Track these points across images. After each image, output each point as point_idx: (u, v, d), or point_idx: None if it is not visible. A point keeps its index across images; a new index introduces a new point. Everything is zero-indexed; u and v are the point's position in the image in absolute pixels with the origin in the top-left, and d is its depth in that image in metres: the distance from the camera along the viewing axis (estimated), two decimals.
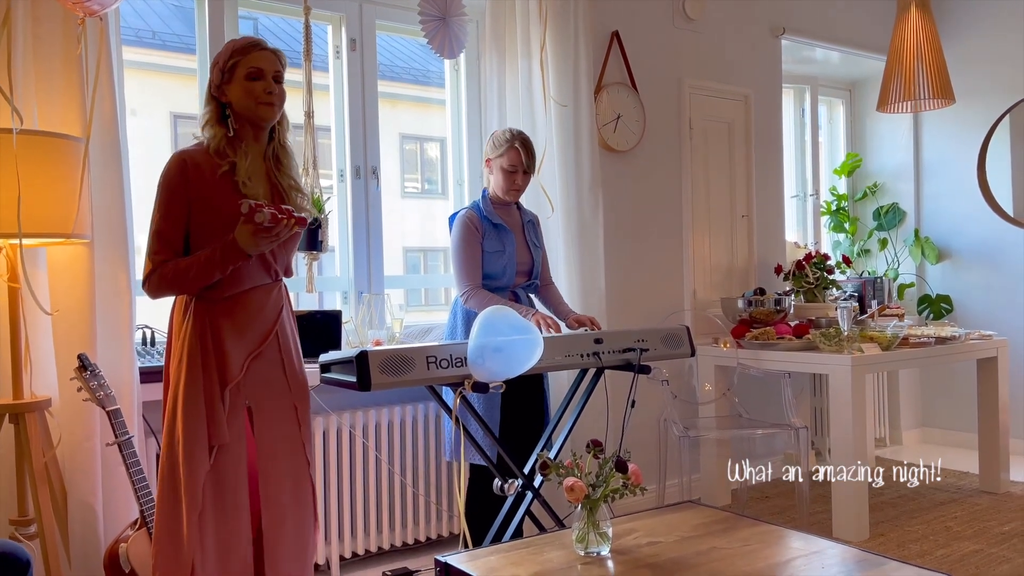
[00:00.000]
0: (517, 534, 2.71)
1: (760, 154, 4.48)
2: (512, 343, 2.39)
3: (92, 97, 2.49)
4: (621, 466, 1.96)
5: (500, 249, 2.94)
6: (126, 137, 2.67)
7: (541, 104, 3.47)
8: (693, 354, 2.96)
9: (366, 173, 3.40)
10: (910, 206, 5.19)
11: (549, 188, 3.47)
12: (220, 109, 2.16)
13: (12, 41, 2.39)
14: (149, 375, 2.68)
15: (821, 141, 5.35)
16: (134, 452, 2.38)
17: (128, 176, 2.66)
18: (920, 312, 5.08)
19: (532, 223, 3.12)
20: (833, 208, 5.27)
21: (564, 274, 3.47)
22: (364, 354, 2.28)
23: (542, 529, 2.77)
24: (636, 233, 3.97)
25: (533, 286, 3.08)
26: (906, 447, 5.10)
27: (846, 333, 3.58)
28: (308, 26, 2.99)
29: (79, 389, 2.37)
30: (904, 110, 4.36)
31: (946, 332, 4.01)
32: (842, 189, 5.36)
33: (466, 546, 2.58)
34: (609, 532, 1.96)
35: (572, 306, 3.23)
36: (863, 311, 4.47)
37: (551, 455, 2.40)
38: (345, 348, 3.01)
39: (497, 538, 2.71)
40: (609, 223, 3.75)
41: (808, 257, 4.39)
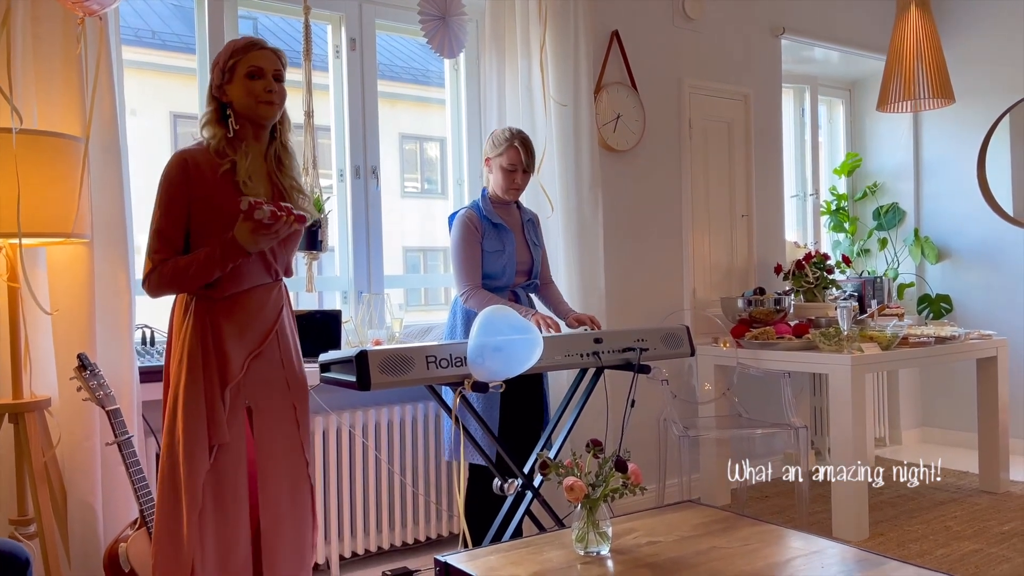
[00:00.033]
0: (517, 534, 2.71)
1: (760, 154, 4.48)
2: (512, 343, 2.39)
3: (92, 97, 2.49)
4: (621, 466, 1.96)
5: (500, 248, 2.94)
6: (126, 137, 2.67)
7: (541, 104, 3.47)
8: (693, 354, 2.96)
9: (366, 173, 3.40)
10: (910, 206, 5.19)
11: (549, 188, 3.47)
12: (221, 109, 2.16)
13: (12, 40, 2.39)
14: (149, 375, 2.69)
15: (821, 141, 5.35)
16: (134, 452, 2.38)
17: (128, 176, 2.66)
18: (920, 312, 5.08)
19: (532, 222, 3.12)
20: (833, 208, 5.27)
21: (564, 274, 3.47)
22: (364, 354, 2.28)
23: (542, 529, 2.77)
24: (636, 233, 3.97)
25: (533, 285, 3.08)
26: (906, 447, 5.10)
27: (846, 333, 3.58)
28: (308, 26, 2.99)
29: (79, 389, 2.37)
30: (904, 110, 4.36)
31: (946, 332, 4.02)
32: (842, 189, 5.36)
33: (466, 546, 2.58)
34: (609, 532, 1.96)
35: (572, 306, 3.22)
36: (863, 311, 4.47)
37: (551, 455, 2.40)
38: (345, 348, 3.01)
39: (497, 538, 2.71)
40: (609, 223, 3.75)
41: (808, 257, 4.39)
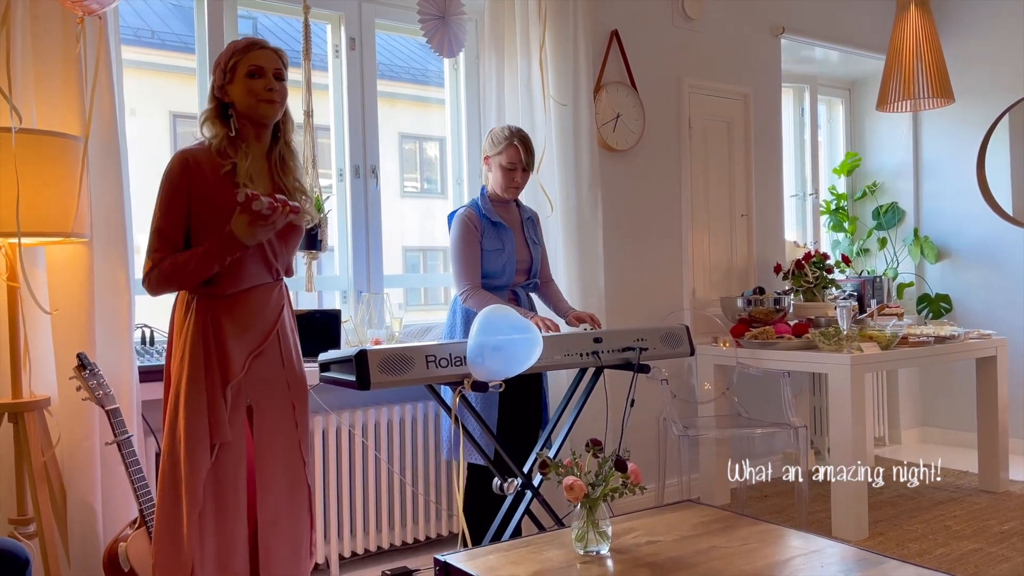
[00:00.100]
0: (516, 533, 2.70)
1: (759, 153, 4.48)
2: (511, 342, 2.39)
3: (91, 96, 2.49)
4: (620, 465, 1.96)
5: (499, 247, 2.94)
6: (125, 136, 2.66)
7: (540, 103, 3.47)
8: (692, 353, 2.96)
9: (365, 172, 3.40)
10: (909, 205, 5.19)
11: (548, 187, 3.47)
12: (221, 107, 2.16)
13: (11, 40, 2.39)
14: (148, 374, 2.69)
15: (820, 140, 5.35)
16: (133, 451, 2.38)
17: (127, 175, 2.66)
18: (919, 311, 5.08)
19: (531, 220, 3.12)
20: (832, 207, 5.27)
21: (564, 273, 3.47)
22: (363, 353, 2.28)
23: (541, 528, 2.77)
24: (635, 232, 3.97)
25: (533, 284, 3.07)
26: (905, 446, 5.10)
27: (845, 332, 3.58)
28: (307, 25, 2.99)
29: (78, 388, 2.37)
30: (903, 109, 4.36)
31: (945, 331, 4.02)
32: (841, 188, 5.36)
33: (465, 545, 2.58)
34: (608, 531, 1.96)
35: (572, 305, 3.22)
36: (862, 310, 4.47)
37: (550, 454, 2.40)
38: (344, 347, 3.01)
39: (496, 537, 2.71)
40: (608, 222, 3.75)
41: (807, 256, 4.39)
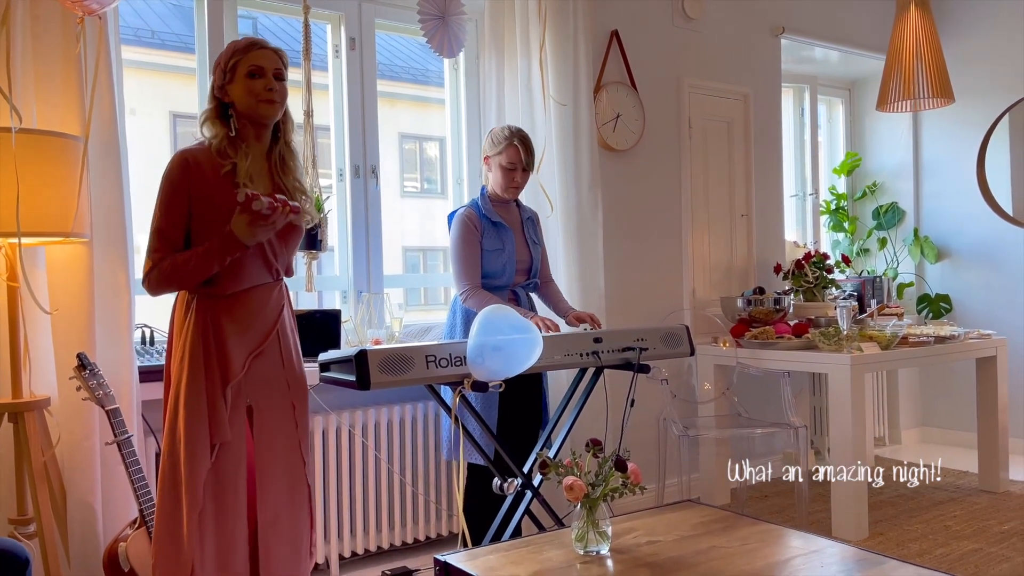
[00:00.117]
0: (516, 533, 2.70)
1: (759, 153, 4.48)
2: (511, 342, 2.39)
3: (91, 96, 2.49)
4: (620, 465, 1.96)
5: (499, 247, 2.94)
6: (125, 136, 2.66)
7: (540, 103, 3.47)
8: (692, 353, 2.96)
9: (365, 172, 3.40)
10: (909, 205, 5.19)
11: (548, 187, 3.47)
12: (221, 107, 2.16)
13: (11, 40, 2.38)
14: (148, 374, 2.69)
15: (820, 140, 5.35)
16: (133, 451, 2.38)
17: (127, 175, 2.66)
18: (919, 311, 5.08)
19: (532, 220, 3.12)
20: (832, 207, 5.27)
21: (563, 273, 3.47)
22: (363, 353, 2.28)
23: (541, 528, 2.77)
24: (635, 232, 3.97)
25: (533, 284, 3.07)
26: (905, 446, 5.10)
27: (845, 332, 3.58)
28: (307, 25, 2.99)
29: (78, 388, 2.37)
30: (903, 109, 4.36)
31: (945, 331, 4.02)
32: (841, 188, 5.36)
33: (465, 545, 2.58)
34: (608, 531, 1.96)
35: (572, 305, 3.22)
36: (862, 310, 4.47)
37: (550, 454, 2.40)
38: (344, 347, 3.01)
39: (496, 537, 2.71)
40: (608, 222, 3.75)
41: (807, 256, 4.39)
